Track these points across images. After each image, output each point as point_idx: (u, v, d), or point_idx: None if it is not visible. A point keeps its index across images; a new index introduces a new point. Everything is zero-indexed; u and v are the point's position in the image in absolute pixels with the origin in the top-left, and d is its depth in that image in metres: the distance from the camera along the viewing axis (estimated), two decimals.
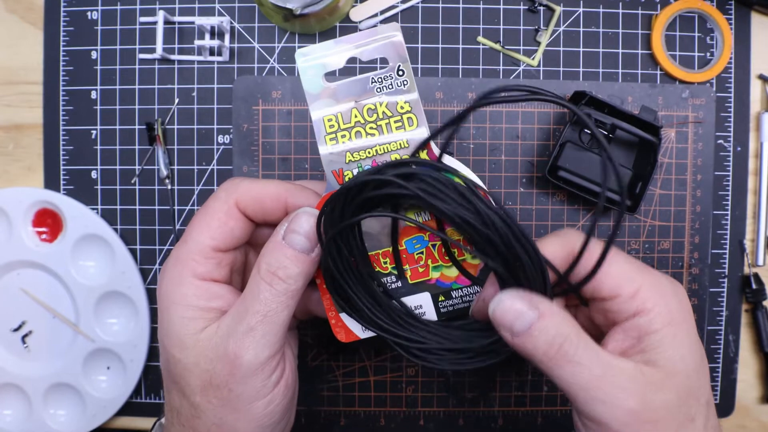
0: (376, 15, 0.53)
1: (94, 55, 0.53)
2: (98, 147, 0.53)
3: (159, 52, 0.51)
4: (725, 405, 0.55)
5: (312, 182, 0.37)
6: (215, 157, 0.53)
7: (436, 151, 0.33)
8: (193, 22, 0.52)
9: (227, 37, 0.52)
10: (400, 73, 0.32)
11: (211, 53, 0.53)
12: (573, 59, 0.53)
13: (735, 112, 0.54)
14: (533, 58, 0.53)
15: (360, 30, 0.53)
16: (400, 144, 0.33)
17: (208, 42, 0.51)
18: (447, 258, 0.34)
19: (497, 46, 0.53)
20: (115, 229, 0.53)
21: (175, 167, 0.53)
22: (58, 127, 0.53)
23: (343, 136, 0.33)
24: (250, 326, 0.31)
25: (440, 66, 0.53)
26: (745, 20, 0.53)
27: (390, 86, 0.32)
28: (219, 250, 0.33)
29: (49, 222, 0.53)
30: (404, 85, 0.32)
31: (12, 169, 0.54)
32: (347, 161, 0.33)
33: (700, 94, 0.53)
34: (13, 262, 0.52)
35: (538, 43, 0.53)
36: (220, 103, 0.53)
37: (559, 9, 0.53)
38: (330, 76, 0.33)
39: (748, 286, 0.54)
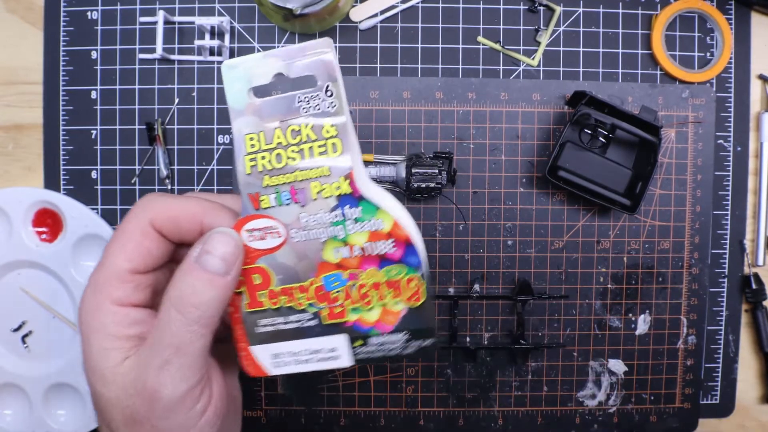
0: (376, 15, 0.53)
1: (94, 55, 0.53)
2: (98, 147, 0.53)
3: (159, 52, 0.51)
4: (725, 405, 0.55)
5: (232, 198, 0.34)
6: (215, 157, 0.53)
7: (362, 181, 0.30)
8: (193, 22, 0.52)
9: (227, 37, 0.52)
10: (329, 93, 0.30)
11: (211, 53, 0.53)
12: (573, 59, 0.53)
13: (735, 112, 0.54)
14: (533, 58, 0.53)
15: (360, 30, 0.53)
16: (321, 172, 0.30)
17: (208, 42, 0.51)
18: (367, 300, 0.31)
19: (497, 46, 0.53)
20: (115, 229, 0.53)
21: (175, 167, 0.53)
22: (58, 127, 0.53)
23: (263, 158, 0.30)
24: (164, 359, 0.29)
25: (440, 66, 0.53)
26: (745, 20, 0.53)
27: (317, 107, 0.30)
28: (137, 272, 0.31)
29: (49, 222, 0.53)
30: (332, 107, 0.30)
31: (12, 169, 0.54)
32: (264, 185, 0.30)
33: (700, 94, 0.53)
34: (13, 262, 0.52)
35: (538, 43, 0.53)
36: (220, 103, 0.53)
37: (559, 9, 0.53)
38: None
39: (748, 286, 0.54)
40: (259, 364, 0.33)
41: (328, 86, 0.30)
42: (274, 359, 0.33)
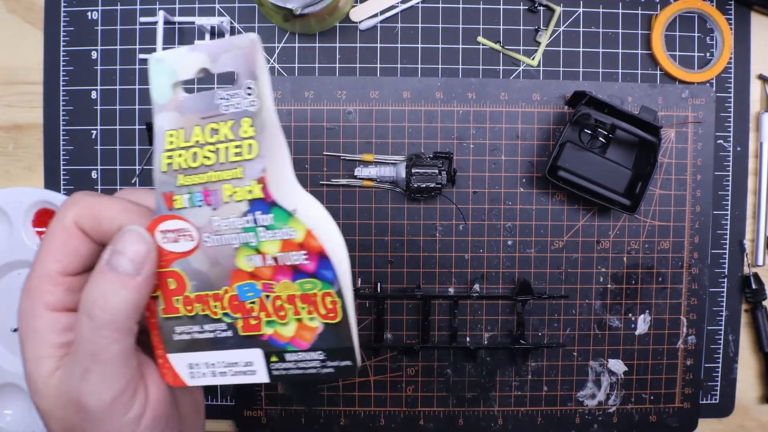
0: (376, 15, 0.53)
1: (94, 55, 0.53)
2: (98, 147, 0.53)
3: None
4: (725, 405, 0.55)
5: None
6: None
7: (277, 186, 0.29)
8: (193, 23, 0.52)
9: (227, 37, 0.52)
10: (249, 91, 0.28)
11: None
12: (573, 59, 0.53)
13: (735, 112, 0.54)
14: (533, 58, 0.53)
15: (360, 30, 0.53)
16: (234, 174, 0.28)
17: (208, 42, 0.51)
18: (282, 314, 0.30)
19: (497, 46, 0.53)
20: None
21: None
22: (58, 127, 0.53)
23: (179, 155, 0.29)
24: (83, 368, 0.28)
25: (440, 66, 0.53)
26: (745, 20, 0.53)
27: (238, 105, 0.28)
28: (67, 273, 0.29)
29: (49, 222, 0.53)
30: (253, 105, 0.28)
31: (12, 169, 0.54)
32: (179, 184, 0.29)
33: (700, 94, 0.53)
34: (13, 262, 0.52)
35: (538, 43, 0.53)
36: None
37: (559, 9, 0.53)
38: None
39: (747, 286, 0.54)
40: (176, 373, 0.31)
41: (248, 84, 0.28)
42: (190, 369, 0.31)
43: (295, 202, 0.29)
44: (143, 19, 0.53)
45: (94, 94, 0.53)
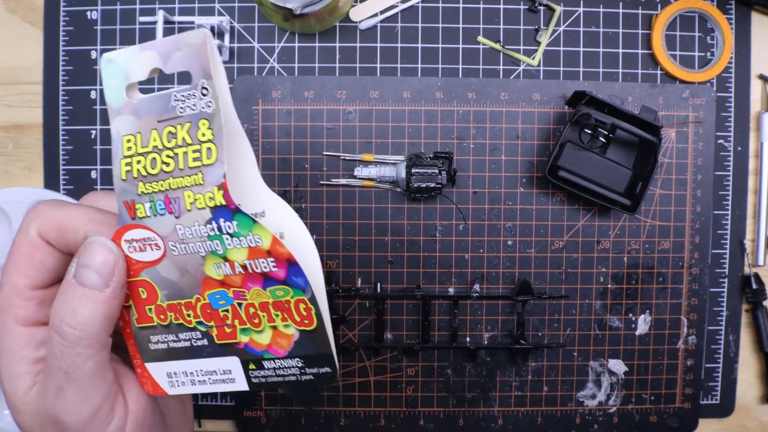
0: (376, 15, 0.53)
1: (94, 55, 0.53)
2: (98, 147, 0.53)
3: None
4: (725, 405, 0.55)
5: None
6: None
7: (240, 191, 0.27)
8: (193, 22, 0.52)
9: (227, 36, 0.52)
10: (204, 92, 0.26)
11: None
12: (573, 59, 0.53)
13: (735, 112, 0.54)
14: (533, 58, 0.53)
15: (360, 30, 0.53)
16: (194, 180, 0.27)
17: None
18: (256, 321, 0.29)
19: (497, 46, 0.53)
20: None
21: None
22: (58, 127, 0.53)
23: (138, 162, 0.27)
24: (58, 386, 0.27)
25: (440, 66, 0.53)
26: (745, 20, 0.53)
27: (194, 107, 0.27)
28: (36, 287, 0.29)
29: None
30: (209, 107, 0.26)
31: (12, 169, 0.54)
32: (139, 192, 0.28)
33: (700, 93, 0.53)
34: None
35: (538, 43, 0.53)
36: None
37: (559, 9, 0.53)
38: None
39: (748, 286, 0.54)
40: (156, 382, 0.31)
41: (203, 84, 0.26)
42: (169, 378, 0.31)
43: (263, 206, 0.28)
44: (143, 19, 0.53)
45: (93, 94, 0.53)
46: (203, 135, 0.27)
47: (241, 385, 0.31)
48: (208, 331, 0.30)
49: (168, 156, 0.27)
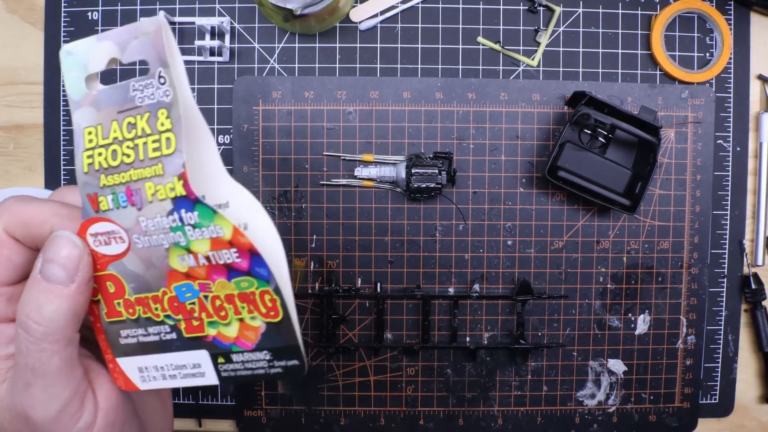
0: (376, 15, 0.53)
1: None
2: None
3: None
4: (725, 405, 0.55)
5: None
6: None
7: (200, 181, 0.27)
8: (193, 23, 0.52)
9: (227, 37, 0.52)
10: (161, 80, 0.26)
11: (212, 53, 0.53)
12: (573, 59, 0.53)
13: (734, 112, 0.54)
14: (533, 59, 0.53)
15: (360, 30, 0.53)
16: (155, 171, 0.27)
17: (208, 42, 0.51)
18: (223, 314, 0.29)
19: (497, 47, 0.53)
20: None
21: None
22: (58, 127, 0.53)
23: (99, 154, 0.27)
24: (26, 382, 0.27)
25: (440, 66, 0.53)
26: (744, 20, 0.54)
27: (152, 96, 0.26)
28: (4, 284, 0.29)
29: None
30: (167, 96, 0.26)
31: (12, 169, 0.54)
32: (102, 185, 0.27)
33: (699, 94, 0.53)
34: None
35: (538, 43, 0.53)
36: (220, 103, 0.53)
37: (558, 9, 0.53)
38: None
39: (747, 286, 0.54)
40: (127, 377, 0.30)
41: (160, 72, 0.26)
42: (141, 373, 0.30)
43: (227, 197, 0.28)
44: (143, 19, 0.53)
45: None
46: (162, 125, 0.26)
47: (211, 379, 0.30)
48: (176, 325, 0.29)
49: (128, 147, 0.27)
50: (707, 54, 0.54)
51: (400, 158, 0.52)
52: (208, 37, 0.52)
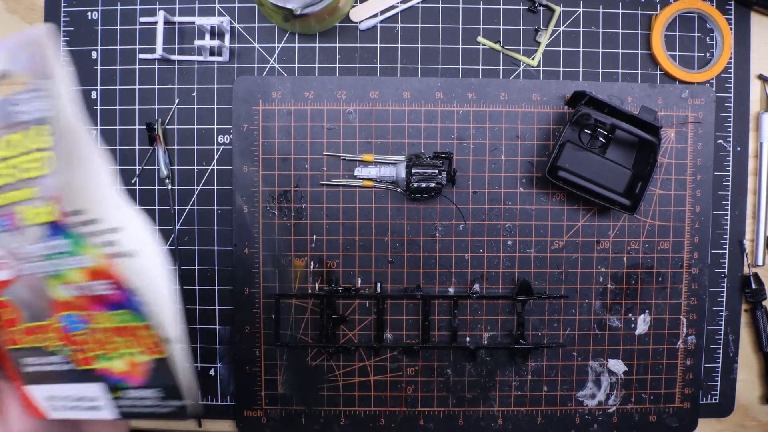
0: (376, 15, 0.53)
1: (94, 55, 0.53)
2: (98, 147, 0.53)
3: (159, 52, 0.51)
4: (725, 405, 0.55)
5: None
6: (215, 157, 0.53)
7: (82, 206, 0.25)
8: (193, 22, 0.52)
9: (227, 37, 0.52)
10: (42, 94, 0.23)
11: (211, 53, 0.53)
12: (573, 59, 0.53)
13: (735, 112, 0.54)
14: (533, 58, 0.53)
15: (360, 30, 0.53)
16: (30, 193, 0.24)
17: (208, 42, 0.51)
18: (110, 347, 0.27)
19: (497, 46, 0.53)
20: None
21: (175, 167, 0.53)
22: None
23: None
24: None
25: (440, 66, 0.53)
26: (744, 20, 0.53)
27: (34, 112, 0.24)
28: None
29: None
30: (48, 111, 0.23)
31: None
32: None
33: (699, 94, 0.53)
34: None
35: (538, 43, 0.53)
36: (220, 103, 0.53)
37: (559, 9, 0.53)
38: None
39: (747, 285, 0.54)
40: (36, 405, 0.29)
41: (40, 85, 0.24)
42: (49, 402, 0.29)
43: (115, 222, 0.25)
44: (143, 19, 0.53)
45: (94, 94, 0.53)
46: (40, 142, 0.24)
47: (109, 413, 0.29)
48: (70, 356, 0.28)
49: (10, 167, 0.25)
50: (707, 54, 0.54)
51: (400, 158, 0.52)
52: (208, 37, 0.52)
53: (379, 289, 0.52)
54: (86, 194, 0.25)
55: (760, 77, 0.54)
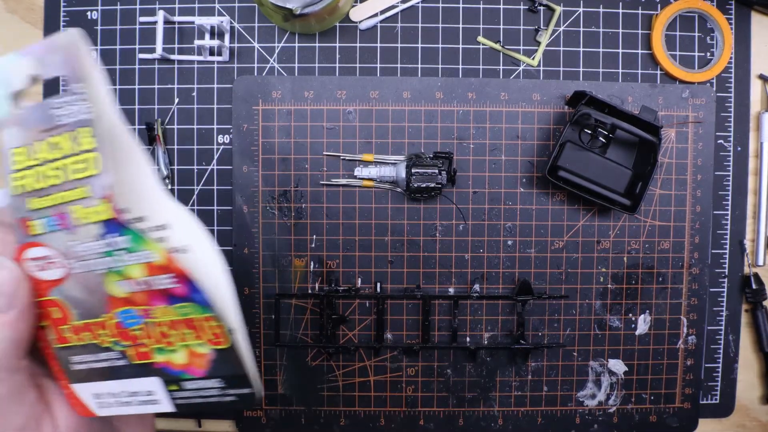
0: (376, 15, 0.53)
1: (94, 54, 0.53)
2: None
3: (159, 52, 0.51)
4: (725, 405, 0.55)
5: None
6: (215, 157, 0.53)
7: (131, 204, 0.25)
8: (193, 22, 0.52)
9: (227, 37, 0.52)
10: (81, 96, 0.24)
11: (211, 53, 0.53)
12: (573, 59, 0.53)
13: (735, 112, 0.54)
14: (533, 58, 0.53)
15: (360, 30, 0.53)
16: (82, 193, 0.25)
17: (208, 42, 0.51)
18: (169, 340, 0.27)
19: (497, 46, 0.53)
20: None
21: (175, 167, 0.53)
22: None
23: (27, 177, 0.26)
24: None
25: (440, 66, 0.53)
26: (745, 20, 0.53)
27: (72, 115, 0.25)
28: None
29: None
30: (88, 113, 0.24)
31: None
32: (31, 208, 0.26)
33: (700, 94, 0.53)
34: None
35: (538, 43, 0.53)
36: (220, 103, 0.53)
37: (559, 9, 0.53)
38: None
39: (748, 286, 0.54)
40: (84, 404, 0.30)
41: (77, 88, 0.25)
42: (97, 399, 0.29)
43: (165, 218, 0.26)
44: (143, 19, 0.53)
45: None
46: (85, 143, 0.25)
47: (166, 406, 0.29)
48: (125, 351, 0.28)
49: (55, 168, 0.26)
50: (708, 53, 0.53)
51: (400, 158, 0.52)
52: (207, 36, 0.52)
53: (379, 289, 0.52)
54: (133, 192, 0.26)
55: (761, 77, 0.54)
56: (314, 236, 0.53)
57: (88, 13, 0.53)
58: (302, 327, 0.53)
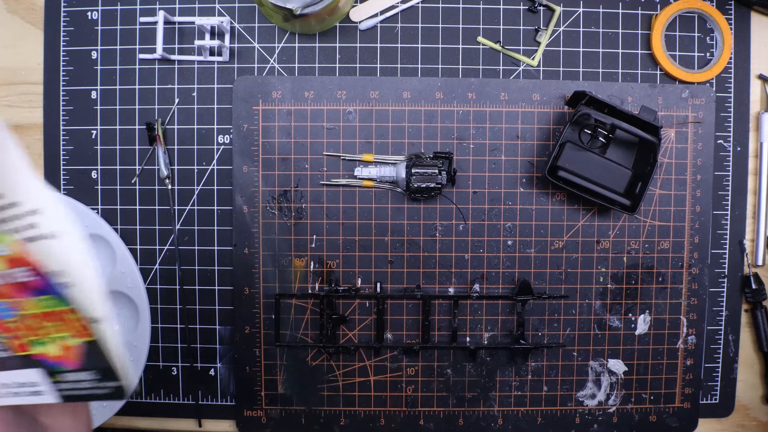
0: (376, 15, 0.53)
1: (94, 55, 0.53)
2: (98, 147, 0.53)
3: (159, 52, 0.51)
4: (725, 405, 0.55)
5: None
6: (215, 157, 0.53)
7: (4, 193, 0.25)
8: (193, 22, 0.52)
9: (227, 37, 0.52)
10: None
11: (211, 53, 0.53)
12: (573, 59, 0.53)
13: (735, 112, 0.54)
14: (533, 58, 0.53)
15: (360, 30, 0.53)
16: None
17: (208, 42, 0.51)
18: (41, 332, 0.27)
19: (497, 46, 0.53)
20: (116, 229, 0.53)
21: (175, 167, 0.53)
22: (58, 127, 0.53)
23: None
24: None
25: (440, 66, 0.53)
26: (745, 20, 0.53)
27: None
28: None
29: None
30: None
31: None
32: None
33: (699, 94, 0.53)
34: None
35: (538, 43, 0.53)
36: (220, 103, 0.53)
37: (559, 9, 0.53)
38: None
39: (747, 285, 0.54)
40: None
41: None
42: None
43: (34, 205, 0.25)
44: (143, 19, 0.53)
45: (94, 94, 0.53)
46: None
47: (51, 397, 0.29)
48: (5, 343, 0.28)
49: None
50: (707, 54, 0.54)
51: (400, 158, 0.52)
52: (208, 36, 0.52)
53: (379, 289, 0.52)
54: (4, 177, 0.25)
55: (760, 77, 0.54)
56: (314, 236, 0.53)
57: (89, 14, 0.53)
58: (302, 327, 0.53)
